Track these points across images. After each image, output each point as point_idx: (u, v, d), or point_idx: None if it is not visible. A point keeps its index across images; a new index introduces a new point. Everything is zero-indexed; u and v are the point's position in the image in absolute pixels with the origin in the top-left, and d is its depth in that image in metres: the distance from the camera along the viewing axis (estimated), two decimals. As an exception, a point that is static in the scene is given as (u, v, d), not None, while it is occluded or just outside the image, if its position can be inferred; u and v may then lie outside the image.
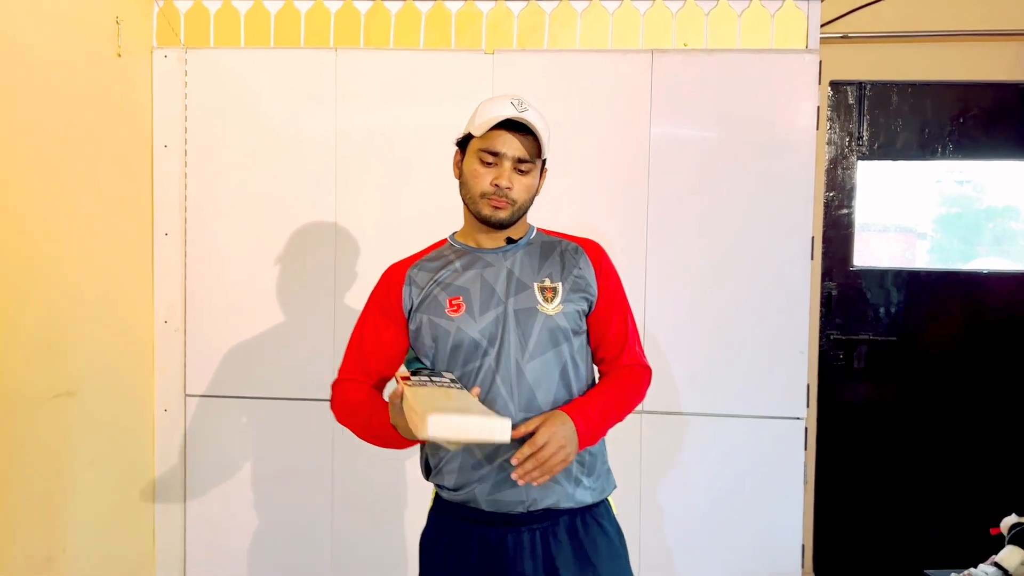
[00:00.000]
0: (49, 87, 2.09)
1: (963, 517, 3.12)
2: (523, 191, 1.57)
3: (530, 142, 1.54)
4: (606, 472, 1.64)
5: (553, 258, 1.62)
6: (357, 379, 1.66)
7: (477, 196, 1.56)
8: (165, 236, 2.60)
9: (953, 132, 3.12)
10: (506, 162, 1.54)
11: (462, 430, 1.21)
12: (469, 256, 1.62)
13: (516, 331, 1.53)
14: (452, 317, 1.55)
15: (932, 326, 3.14)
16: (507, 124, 1.53)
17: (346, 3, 2.55)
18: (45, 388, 2.11)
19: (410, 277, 1.64)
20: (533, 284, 1.57)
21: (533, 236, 1.67)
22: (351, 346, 1.69)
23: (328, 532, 2.61)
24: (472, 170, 1.58)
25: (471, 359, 1.54)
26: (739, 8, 2.49)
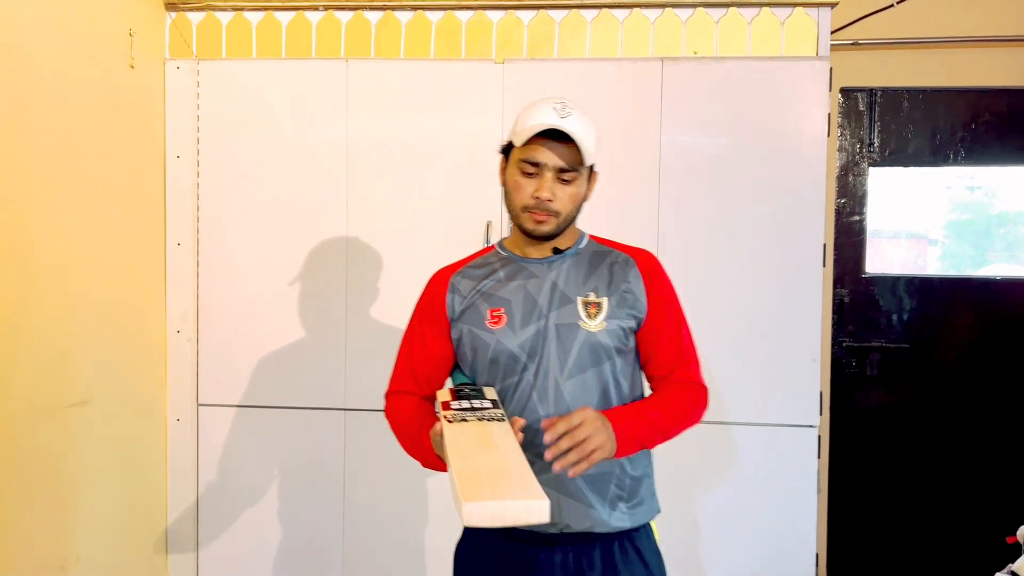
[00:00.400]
0: (62, 98, 2.10)
1: (978, 525, 3.09)
2: (567, 201, 1.49)
3: (573, 150, 1.46)
4: (650, 496, 1.56)
5: (601, 270, 1.54)
6: (408, 390, 1.61)
7: (519, 209, 1.50)
8: (178, 246, 2.61)
9: (965, 138, 3.10)
10: (547, 173, 1.46)
11: (499, 517, 1.16)
12: (514, 266, 1.56)
13: (556, 347, 1.47)
14: (492, 329, 1.50)
15: (945, 333, 3.12)
16: (548, 131, 1.45)
17: (357, 14, 2.57)
18: (58, 398, 2.12)
19: (453, 285, 1.59)
20: (576, 298, 1.50)
21: (583, 246, 1.58)
22: (401, 355, 1.64)
23: (340, 541, 2.61)
24: (513, 182, 1.51)
25: (510, 373, 1.49)
26: (749, 16, 2.49)
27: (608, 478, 1.48)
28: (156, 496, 2.62)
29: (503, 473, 1.21)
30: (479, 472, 1.21)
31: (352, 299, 2.56)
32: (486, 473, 1.21)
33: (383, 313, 2.56)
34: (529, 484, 1.20)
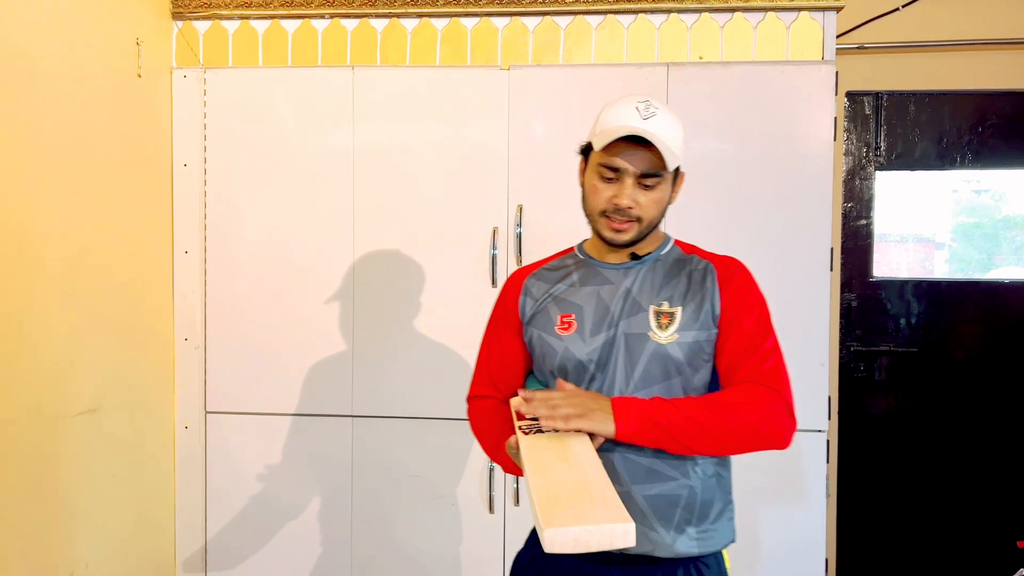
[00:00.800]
0: (70, 107, 2.12)
1: (988, 529, 3.08)
2: (650, 207, 1.40)
3: (656, 154, 1.37)
4: (725, 522, 1.45)
5: (679, 279, 1.44)
6: (487, 395, 1.57)
7: (596, 214, 1.42)
8: (185, 254, 2.62)
9: (972, 141, 3.10)
10: (627, 179, 1.38)
11: (582, 543, 1.09)
12: (589, 269, 1.49)
13: (624, 358, 1.39)
14: (561, 335, 1.43)
15: (953, 336, 3.11)
16: (630, 137, 1.37)
17: (362, 21, 2.58)
18: (67, 405, 2.12)
19: (527, 287, 1.53)
20: (649, 307, 1.41)
21: (665, 252, 1.49)
22: (480, 359, 1.60)
23: (348, 548, 2.61)
24: (591, 185, 1.43)
25: (577, 382, 1.40)
26: (754, 20, 2.49)
27: (675, 500, 1.39)
28: (164, 503, 2.62)
29: (584, 492, 1.14)
30: (559, 492, 1.15)
31: (359, 306, 2.57)
32: (566, 493, 1.15)
33: (390, 320, 2.56)
34: (613, 505, 1.13)
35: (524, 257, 2.49)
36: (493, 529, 2.55)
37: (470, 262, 2.53)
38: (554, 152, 2.49)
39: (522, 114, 2.50)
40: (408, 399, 2.57)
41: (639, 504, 1.38)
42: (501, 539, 2.55)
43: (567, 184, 2.46)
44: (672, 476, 1.39)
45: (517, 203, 2.50)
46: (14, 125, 1.90)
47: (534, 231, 2.49)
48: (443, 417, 2.55)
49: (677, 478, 1.39)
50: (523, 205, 2.49)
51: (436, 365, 2.55)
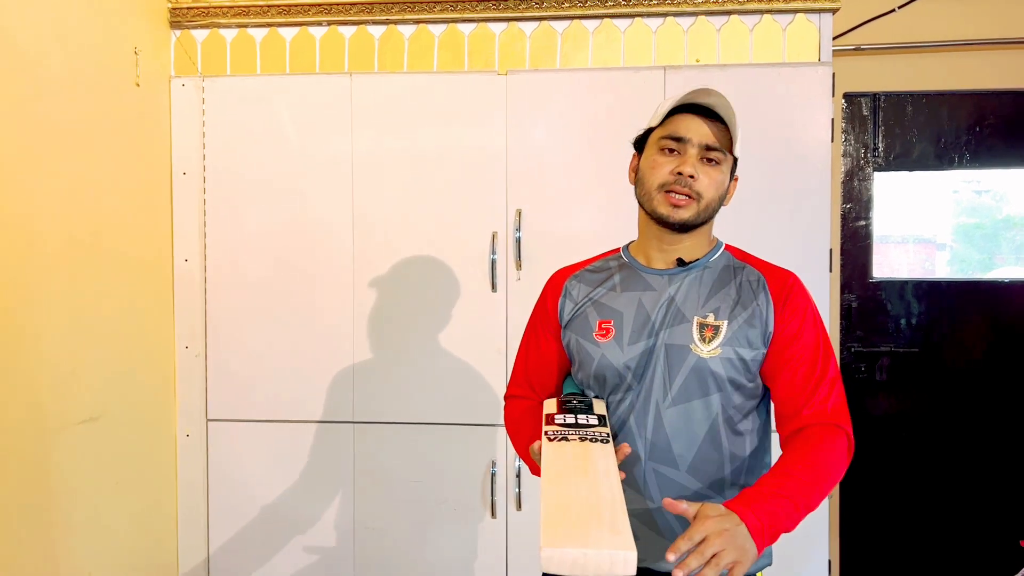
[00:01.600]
0: (69, 117, 2.12)
1: (991, 529, 3.07)
2: (712, 186, 1.33)
3: (721, 131, 1.32)
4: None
5: (727, 289, 1.36)
6: (523, 394, 1.53)
7: (654, 189, 1.34)
8: (185, 262, 2.62)
9: (970, 141, 3.10)
10: (691, 148, 1.31)
11: (579, 566, 1.05)
12: (632, 274, 1.42)
13: (663, 369, 1.32)
14: (599, 342, 1.37)
15: (954, 336, 3.11)
16: (692, 109, 1.32)
17: (360, 28, 2.58)
18: (69, 414, 2.13)
19: (567, 289, 1.47)
20: (693, 318, 1.33)
21: (715, 259, 1.41)
22: (518, 358, 1.56)
23: (351, 554, 2.61)
24: (650, 161, 1.35)
25: (613, 391, 1.36)
26: (751, 23, 2.49)
27: None
28: (166, 512, 2.62)
29: (594, 512, 1.10)
30: (568, 508, 1.12)
31: (359, 311, 2.57)
32: (575, 509, 1.11)
33: (390, 325, 2.56)
34: (619, 529, 1.09)
35: (523, 262, 2.49)
36: (495, 534, 2.55)
37: (470, 267, 2.53)
38: (552, 156, 2.49)
39: (520, 119, 2.50)
40: (409, 404, 2.57)
41: (669, 522, 1.32)
42: (503, 544, 2.55)
43: (566, 188, 2.48)
44: (707, 496, 1.32)
45: (516, 208, 2.50)
46: (13, 135, 1.91)
47: (533, 235, 2.49)
48: (445, 422, 2.55)
49: (712, 496, 1.33)
50: (522, 210, 2.50)
51: (436, 370, 2.55)
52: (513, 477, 2.52)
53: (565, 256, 1.76)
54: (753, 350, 1.32)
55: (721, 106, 1.32)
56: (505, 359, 2.51)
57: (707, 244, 1.43)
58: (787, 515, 1.15)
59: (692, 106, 1.34)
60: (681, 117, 1.34)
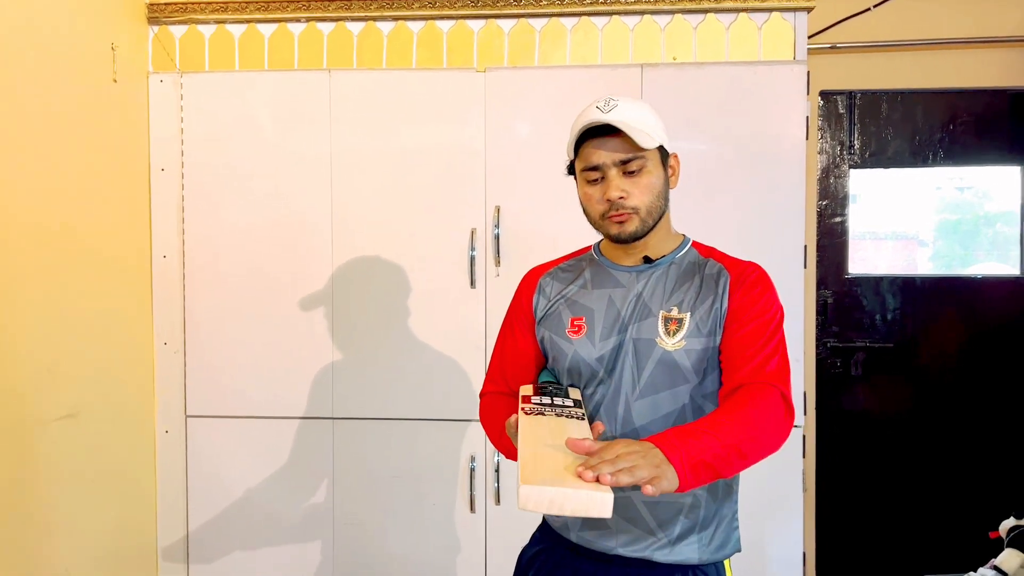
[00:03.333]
0: (46, 113, 2.12)
1: (962, 521, 3.12)
2: (642, 193, 1.38)
3: (627, 139, 1.35)
4: (730, 532, 1.44)
5: (691, 283, 1.40)
6: (499, 390, 1.55)
7: (598, 219, 1.41)
8: (164, 259, 2.62)
9: (944, 139, 3.14)
10: (610, 171, 1.37)
11: (556, 504, 1.07)
12: (602, 271, 1.48)
13: (632, 363, 1.37)
14: (572, 339, 1.42)
15: (929, 332, 3.15)
16: (596, 131, 1.37)
17: (339, 25, 2.59)
18: (47, 411, 2.12)
19: (541, 286, 1.52)
20: (659, 312, 1.38)
21: (681, 255, 1.46)
22: (494, 355, 1.59)
23: (331, 550, 2.62)
24: (584, 194, 1.43)
25: (587, 385, 1.41)
26: (727, 21, 2.52)
27: (678, 508, 1.37)
28: (146, 508, 2.62)
29: (570, 466, 1.12)
30: (545, 459, 1.14)
31: (338, 307, 2.58)
32: (552, 461, 1.14)
33: (370, 322, 2.57)
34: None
35: (502, 258, 2.51)
36: (475, 528, 2.57)
37: (449, 263, 2.54)
38: (531, 153, 2.51)
39: (498, 116, 2.52)
40: (388, 400, 2.58)
41: (638, 509, 1.36)
42: (483, 538, 2.56)
43: (544, 185, 2.50)
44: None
45: (495, 204, 2.51)
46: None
47: (512, 232, 2.51)
48: (424, 418, 2.57)
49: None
50: (500, 206, 2.51)
51: (416, 366, 2.56)
52: (492, 472, 2.54)
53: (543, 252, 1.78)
54: (714, 339, 1.36)
55: (619, 119, 1.34)
56: (484, 355, 2.53)
57: (671, 240, 1.48)
58: (710, 450, 1.15)
59: (594, 128, 1.36)
60: (590, 144, 1.38)
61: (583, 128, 1.37)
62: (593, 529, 1.39)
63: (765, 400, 1.26)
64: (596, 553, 1.40)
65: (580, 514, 1.07)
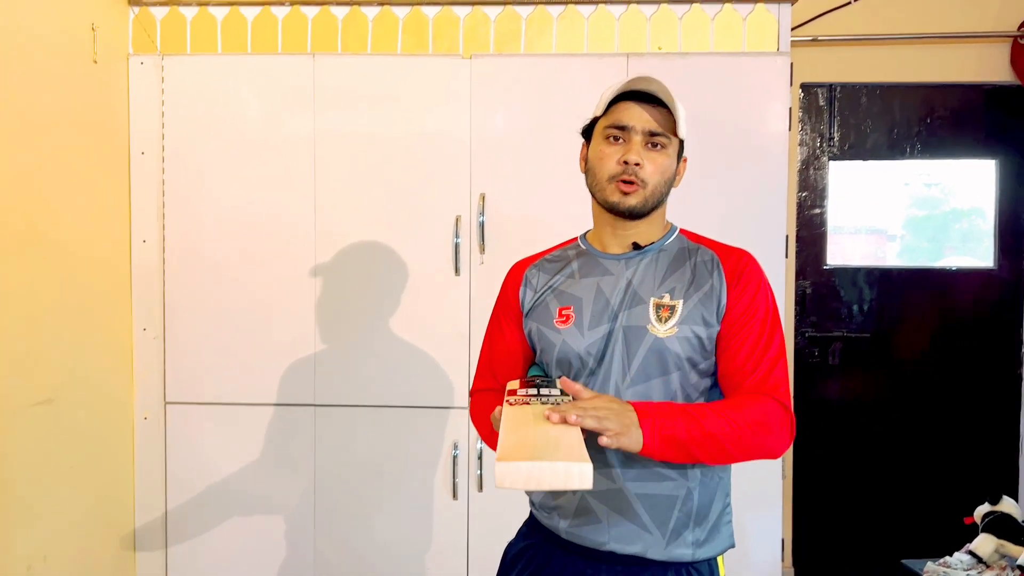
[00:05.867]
0: (25, 93, 2.08)
1: (938, 507, 3.18)
2: (656, 172, 1.35)
3: (663, 115, 1.34)
4: (724, 527, 1.40)
5: (682, 270, 1.38)
6: (488, 387, 1.52)
7: (604, 180, 1.37)
8: (143, 243, 2.59)
9: (921, 132, 3.19)
10: (635, 136, 1.34)
11: (534, 479, 1.04)
12: (590, 260, 1.45)
13: (622, 351, 1.34)
14: (559, 328, 1.39)
15: (904, 322, 3.21)
16: (634, 97, 1.35)
17: (323, 9, 2.56)
18: (24, 396, 2.09)
19: (527, 278, 1.49)
20: (650, 299, 1.35)
21: (669, 242, 1.43)
22: (482, 352, 1.56)
23: (312, 538, 2.61)
24: (598, 151, 1.38)
25: (576, 376, 1.37)
26: (711, 12, 2.53)
27: (671, 502, 1.34)
28: (124, 495, 2.59)
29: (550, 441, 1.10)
30: (523, 438, 1.12)
31: (321, 294, 2.56)
32: (531, 438, 1.11)
33: (353, 308, 2.56)
34: (574, 451, 1.08)
35: (487, 245, 2.51)
36: (457, 515, 2.57)
37: (433, 250, 2.53)
38: (516, 141, 2.51)
39: (484, 103, 2.51)
40: (371, 387, 2.57)
41: (632, 503, 1.34)
42: (465, 525, 2.57)
43: (529, 172, 2.50)
44: (669, 476, 1.34)
45: (480, 191, 2.51)
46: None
47: (496, 219, 2.51)
48: (406, 405, 2.56)
49: (675, 478, 1.34)
50: (485, 194, 2.51)
51: (399, 353, 2.55)
52: (475, 459, 2.54)
53: (529, 240, 1.78)
54: (708, 328, 1.34)
55: (661, 91, 1.35)
56: (468, 342, 2.53)
57: (661, 228, 1.46)
58: (686, 430, 1.20)
59: (634, 93, 1.36)
60: (624, 105, 1.36)
61: (628, 87, 1.34)
62: (585, 524, 1.36)
63: (765, 410, 1.27)
64: (587, 549, 1.37)
65: (559, 487, 1.05)
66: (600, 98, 1.41)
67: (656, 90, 1.34)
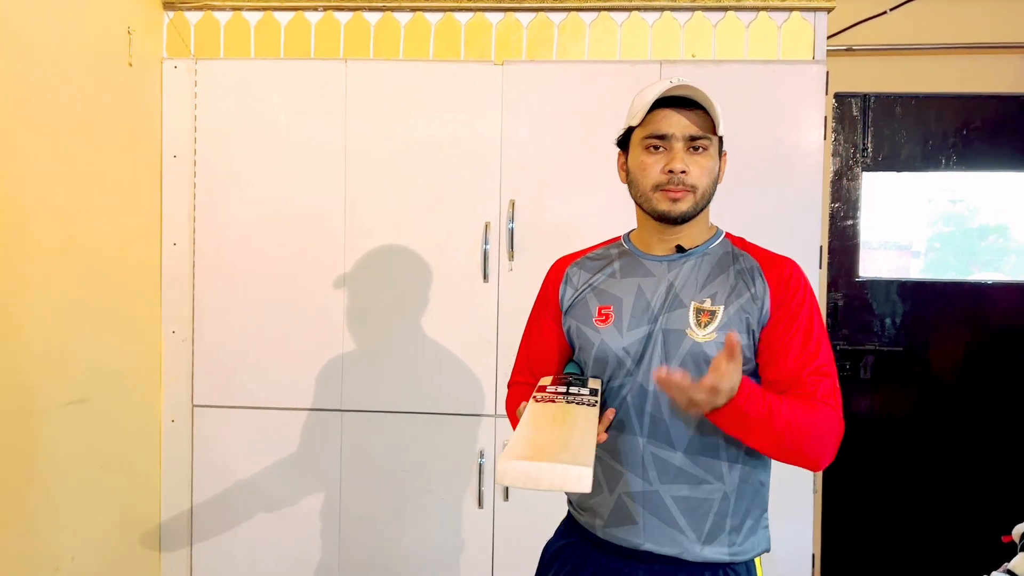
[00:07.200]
0: (61, 95, 2.09)
1: (973, 525, 3.11)
2: (703, 175, 1.34)
3: (700, 117, 1.34)
4: (760, 531, 1.39)
5: (725, 276, 1.37)
6: (525, 381, 1.52)
7: (649, 191, 1.35)
8: (174, 246, 2.60)
9: (956, 144, 3.14)
10: (676, 143, 1.33)
11: (533, 479, 1.06)
12: (632, 260, 1.44)
13: (660, 354, 1.33)
14: (598, 327, 1.39)
15: (938, 336, 3.15)
16: (668, 102, 1.33)
17: (356, 14, 2.57)
18: (56, 396, 2.10)
19: (568, 276, 1.49)
20: (690, 303, 1.34)
21: (714, 246, 1.42)
22: (521, 347, 1.58)
23: (336, 543, 2.60)
24: (639, 163, 1.36)
25: (613, 376, 1.37)
26: (746, 20, 2.50)
27: (708, 504, 1.33)
28: (150, 497, 2.60)
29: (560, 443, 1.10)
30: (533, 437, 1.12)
31: (350, 299, 2.56)
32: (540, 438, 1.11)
33: (381, 314, 2.55)
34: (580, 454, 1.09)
35: (516, 252, 2.49)
36: (482, 524, 2.55)
37: (462, 256, 2.52)
38: (547, 147, 2.49)
39: (515, 109, 2.50)
40: (398, 393, 2.56)
41: (667, 505, 1.33)
42: (490, 534, 2.55)
43: (560, 179, 2.49)
44: (705, 479, 1.33)
45: (509, 198, 2.50)
46: (4, 114, 1.88)
47: (526, 226, 2.49)
48: (432, 412, 2.55)
49: (711, 482, 1.33)
50: (515, 200, 2.50)
51: (427, 360, 2.54)
52: (501, 467, 2.51)
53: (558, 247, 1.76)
54: (748, 335, 1.33)
55: (696, 95, 1.33)
56: (496, 350, 2.51)
57: (706, 231, 1.44)
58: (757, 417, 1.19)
59: (669, 99, 1.34)
60: (660, 113, 1.34)
61: (661, 94, 1.33)
62: (620, 524, 1.36)
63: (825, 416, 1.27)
64: (623, 549, 1.37)
65: (557, 489, 1.07)
66: (632, 107, 1.40)
67: (690, 95, 1.33)
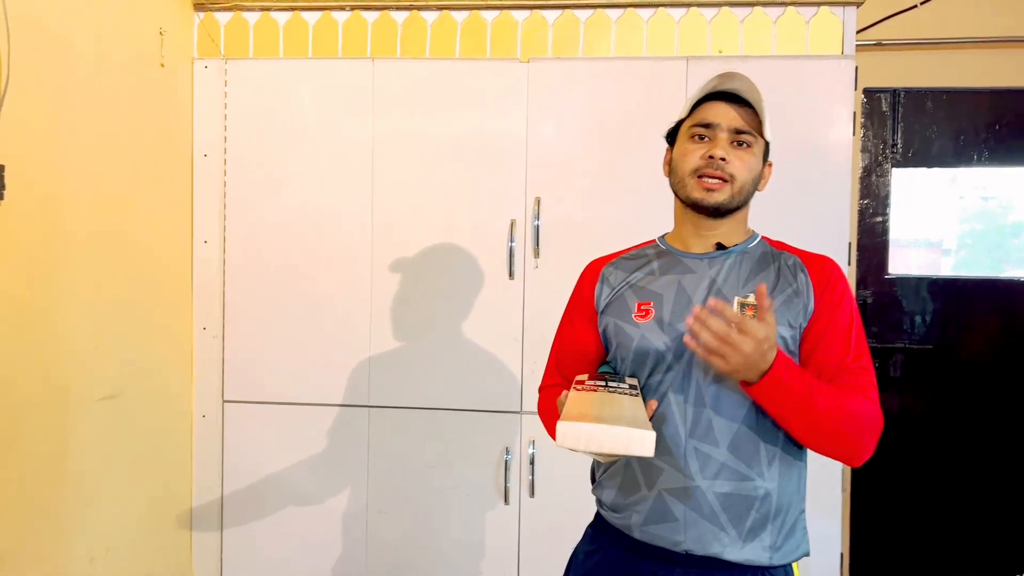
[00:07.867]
0: (96, 96, 2.13)
1: (1004, 525, 3.07)
2: (744, 169, 1.35)
3: (749, 114, 1.35)
4: (799, 532, 1.37)
5: (767, 272, 1.37)
6: (556, 384, 1.52)
7: (687, 175, 1.36)
8: (204, 243, 2.64)
9: (988, 139, 3.09)
10: (721, 133, 1.34)
11: (595, 441, 1.04)
12: (669, 259, 1.44)
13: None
14: (638, 323, 1.37)
15: (968, 334, 3.11)
16: (719, 96, 1.35)
17: (383, 14, 2.59)
18: (91, 390, 2.14)
19: (604, 275, 1.48)
20: (734, 298, 1.33)
21: (752, 245, 1.43)
22: (552, 348, 1.57)
23: (363, 538, 2.62)
24: (682, 149, 1.38)
25: (654, 371, 1.35)
26: (774, 15, 2.49)
27: (749, 502, 1.31)
28: (182, 491, 2.64)
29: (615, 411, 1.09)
30: (590, 402, 1.10)
31: (377, 296, 2.58)
32: (597, 404, 1.10)
33: (407, 310, 2.57)
34: (638, 420, 1.07)
35: (541, 250, 2.50)
36: (508, 520, 2.56)
37: (488, 254, 2.53)
38: (573, 145, 2.50)
39: (541, 107, 2.51)
40: (425, 390, 2.58)
41: (709, 501, 1.31)
42: (516, 531, 2.56)
43: (586, 177, 2.49)
44: (747, 476, 1.32)
45: (535, 196, 2.50)
46: (41, 114, 1.92)
47: (552, 224, 2.50)
48: (460, 408, 2.56)
49: (753, 478, 1.32)
50: (541, 198, 2.50)
51: (452, 356, 2.56)
52: (527, 464, 2.53)
53: (583, 245, 1.76)
54: (792, 330, 1.32)
55: (747, 90, 1.35)
56: (521, 346, 2.52)
57: (744, 231, 1.45)
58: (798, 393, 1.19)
59: (719, 93, 1.37)
60: (708, 105, 1.37)
61: (714, 86, 1.35)
62: (660, 523, 1.33)
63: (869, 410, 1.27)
64: (659, 551, 1.34)
65: (620, 451, 1.05)
66: (686, 103, 1.42)
67: (742, 88, 1.35)
